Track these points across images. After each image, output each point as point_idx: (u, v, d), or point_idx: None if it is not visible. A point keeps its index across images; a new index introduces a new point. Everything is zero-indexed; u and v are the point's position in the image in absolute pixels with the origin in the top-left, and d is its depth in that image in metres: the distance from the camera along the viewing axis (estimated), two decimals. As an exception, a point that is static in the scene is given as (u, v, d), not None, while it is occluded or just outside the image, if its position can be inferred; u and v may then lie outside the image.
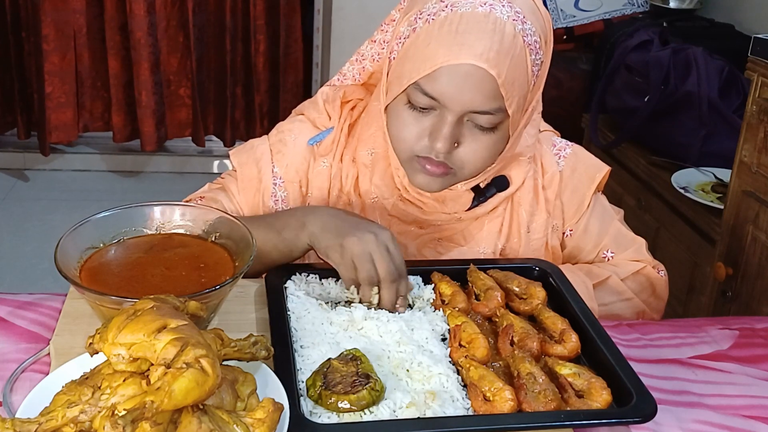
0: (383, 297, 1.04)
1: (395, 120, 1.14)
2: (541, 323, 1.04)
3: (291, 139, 1.27)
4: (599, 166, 1.30)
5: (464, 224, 1.24)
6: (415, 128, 1.11)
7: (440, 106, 1.08)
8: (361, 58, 1.29)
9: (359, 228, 1.05)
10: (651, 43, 2.59)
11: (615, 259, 1.31)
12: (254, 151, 1.28)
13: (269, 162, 1.26)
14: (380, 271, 1.03)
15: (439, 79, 1.06)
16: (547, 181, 1.27)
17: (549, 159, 1.28)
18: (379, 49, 1.26)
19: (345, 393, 0.87)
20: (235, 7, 3.43)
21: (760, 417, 0.98)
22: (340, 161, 1.25)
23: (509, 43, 1.06)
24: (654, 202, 2.43)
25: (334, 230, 1.07)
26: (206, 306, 0.91)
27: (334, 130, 1.25)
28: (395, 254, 1.04)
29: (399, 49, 1.14)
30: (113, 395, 0.75)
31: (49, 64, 3.31)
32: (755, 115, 1.85)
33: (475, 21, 1.05)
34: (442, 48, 1.06)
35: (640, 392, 0.90)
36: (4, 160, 3.64)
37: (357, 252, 1.03)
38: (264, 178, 1.26)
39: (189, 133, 3.63)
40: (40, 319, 1.05)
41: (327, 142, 1.25)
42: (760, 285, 1.87)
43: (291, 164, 1.26)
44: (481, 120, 1.09)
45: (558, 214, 1.28)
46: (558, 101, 2.96)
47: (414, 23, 1.11)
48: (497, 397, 0.88)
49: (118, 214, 1.06)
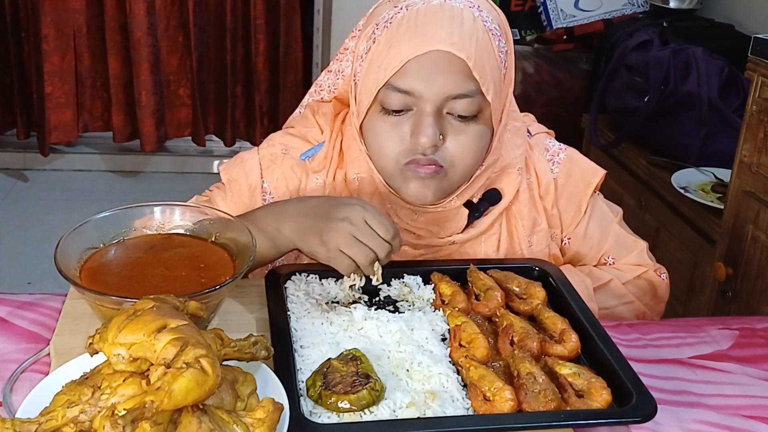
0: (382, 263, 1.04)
1: (373, 134, 1.12)
2: (541, 323, 1.04)
3: (282, 154, 1.24)
4: (594, 170, 1.28)
5: (457, 246, 1.21)
6: (394, 135, 1.09)
7: (415, 101, 1.07)
8: (320, 89, 1.29)
9: (331, 218, 1.03)
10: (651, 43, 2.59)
11: (617, 263, 1.29)
12: (244, 165, 1.25)
13: (258, 177, 1.23)
14: (372, 246, 1.01)
15: (408, 72, 1.06)
16: (543, 191, 1.25)
17: (543, 167, 1.26)
18: (335, 79, 1.26)
19: (345, 393, 0.87)
20: (235, 7, 3.43)
21: (760, 417, 0.97)
22: (333, 179, 1.22)
23: (470, 27, 1.06)
24: (654, 202, 2.43)
25: (309, 231, 1.05)
26: (206, 306, 0.91)
27: (325, 144, 1.22)
28: (376, 223, 1.02)
29: (362, 65, 1.12)
30: (113, 395, 0.75)
31: (48, 64, 3.31)
32: (755, 115, 1.85)
33: (433, 12, 1.06)
34: (404, 44, 1.06)
35: (640, 392, 0.90)
36: (4, 160, 3.64)
37: (341, 243, 1.01)
38: (254, 193, 1.23)
39: (189, 133, 3.63)
40: (40, 319, 1.05)
41: (319, 157, 1.22)
42: (760, 285, 1.87)
43: (281, 179, 1.23)
44: (460, 106, 1.07)
45: (556, 223, 1.26)
46: (558, 101, 2.96)
47: (372, 35, 1.11)
48: (497, 397, 0.88)
49: (118, 214, 1.06)
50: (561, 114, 2.92)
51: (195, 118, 3.56)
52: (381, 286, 1.11)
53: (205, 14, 3.43)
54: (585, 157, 1.30)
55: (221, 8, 3.42)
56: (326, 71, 1.28)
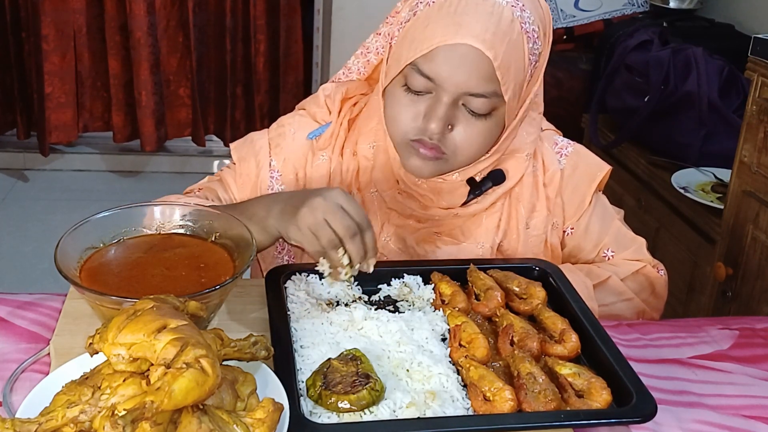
0: (350, 252, 1.01)
1: (392, 102, 1.15)
2: (541, 323, 1.04)
3: (290, 133, 1.28)
4: (600, 165, 1.31)
5: (462, 220, 1.24)
6: (410, 111, 1.12)
7: (436, 87, 1.09)
8: (366, 51, 1.31)
9: (308, 198, 1.03)
10: (651, 43, 2.59)
11: (615, 258, 1.31)
12: (253, 145, 1.29)
13: (267, 156, 1.27)
14: (337, 230, 1.00)
15: (435, 59, 1.08)
16: (548, 179, 1.28)
17: (550, 157, 1.29)
18: (384, 41, 1.28)
19: (345, 393, 0.87)
20: (235, 7, 3.43)
21: (760, 417, 0.98)
22: (340, 155, 1.26)
23: (506, 27, 1.07)
24: (654, 202, 2.43)
25: (289, 212, 1.05)
26: (206, 306, 0.91)
27: (332, 123, 1.26)
28: (350, 208, 1.02)
29: (399, 32, 1.15)
30: (113, 395, 0.75)
31: (49, 64, 3.31)
32: (755, 115, 1.85)
33: (474, 3, 1.07)
34: (439, 28, 1.07)
35: (640, 392, 0.90)
36: (4, 160, 3.64)
37: (311, 222, 1.01)
38: (261, 172, 1.27)
39: (189, 133, 3.63)
40: (40, 319, 1.05)
41: (326, 136, 1.26)
42: (760, 285, 1.87)
43: (289, 158, 1.27)
44: (475, 104, 1.09)
45: (558, 212, 1.28)
46: (558, 101, 2.96)
47: (415, 8, 1.13)
48: (497, 397, 0.88)
49: (118, 214, 1.06)
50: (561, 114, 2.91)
51: (195, 119, 3.56)
52: (381, 286, 1.11)
53: (205, 14, 3.43)
54: (592, 153, 1.33)
55: (221, 8, 3.42)
56: (375, 33, 1.30)
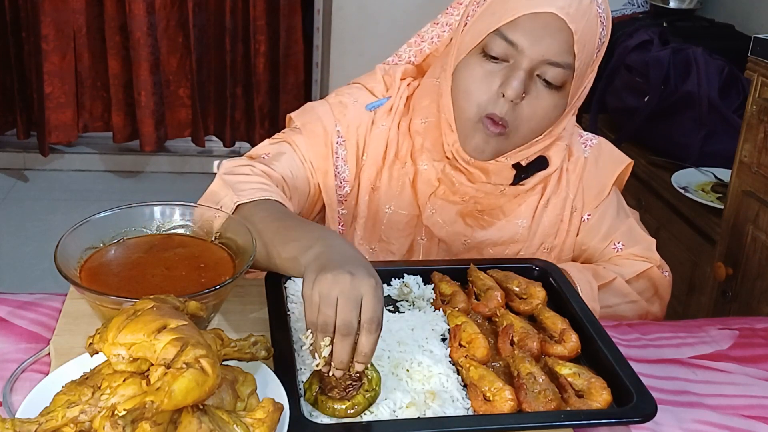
0: (334, 350, 0.85)
1: (466, 74, 1.15)
2: (541, 323, 1.04)
3: (351, 102, 1.30)
4: (622, 159, 1.35)
5: (504, 200, 1.26)
6: (485, 82, 1.13)
7: (516, 54, 1.11)
8: (420, 40, 1.33)
9: (343, 265, 0.88)
10: (651, 43, 2.59)
11: (624, 252, 1.32)
12: (315, 111, 1.30)
13: (332, 122, 1.28)
14: (337, 319, 0.85)
15: (519, 26, 1.10)
16: (571, 164, 1.31)
17: (576, 145, 1.33)
18: (440, 31, 1.30)
19: (340, 399, 0.87)
20: (235, 7, 3.43)
21: (760, 417, 0.98)
22: (398, 127, 1.27)
23: (586, 6, 1.11)
24: (654, 202, 2.43)
25: (323, 261, 0.91)
26: (206, 306, 0.91)
27: (391, 98, 1.28)
28: (369, 304, 0.85)
29: (477, 10, 1.17)
30: (113, 395, 0.75)
31: (48, 64, 3.31)
32: (755, 115, 1.85)
33: None
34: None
35: (640, 392, 0.90)
36: (4, 160, 3.63)
37: (324, 292, 0.86)
38: (329, 132, 1.27)
39: (189, 133, 3.62)
40: (40, 319, 1.05)
41: (385, 108, 1.28)
42: (760, 285, 1.87)
43: (351, 125, 1.28)
44: (552, 73, 1.11)
45: (579, 197, 1.31)
46: (558, 101, 2.96)
47: None
48: (497, 397, 0.88)
49: (118, 214, 1.06)
50: (561, 114, 2.91)
51: (195, 119, 3.55)
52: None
53: (205, 14, 3.43)
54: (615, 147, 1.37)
55: (221, 8, 3.42)
56: (432, 23, 1.32)
